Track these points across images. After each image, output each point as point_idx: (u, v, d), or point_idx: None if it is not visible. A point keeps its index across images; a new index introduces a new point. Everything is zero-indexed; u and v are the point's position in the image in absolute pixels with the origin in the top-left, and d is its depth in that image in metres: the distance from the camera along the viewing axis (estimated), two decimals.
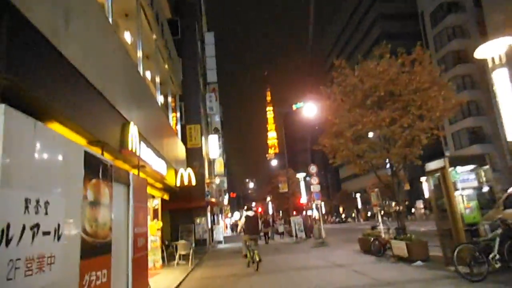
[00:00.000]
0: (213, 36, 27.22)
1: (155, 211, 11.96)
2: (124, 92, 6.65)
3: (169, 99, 13.48)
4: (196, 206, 20.83)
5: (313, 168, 22.11)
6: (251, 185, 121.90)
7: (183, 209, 20.61)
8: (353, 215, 64.59)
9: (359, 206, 60.98)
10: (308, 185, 27.70)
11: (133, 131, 6.34)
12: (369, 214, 59.92)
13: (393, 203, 16.37)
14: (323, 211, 49.77)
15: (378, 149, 10.30)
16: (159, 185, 11.00)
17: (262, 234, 20.09)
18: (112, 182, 5.04)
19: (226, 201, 53.00)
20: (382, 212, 13.30)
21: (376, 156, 10.23)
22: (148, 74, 12.02)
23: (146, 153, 7.49)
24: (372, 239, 11.13)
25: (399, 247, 9.66)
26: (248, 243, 10.30)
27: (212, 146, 24.79)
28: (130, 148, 6.07)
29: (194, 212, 21.08)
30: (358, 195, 59.76)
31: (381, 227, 12.15)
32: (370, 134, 11.04)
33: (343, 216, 66.26)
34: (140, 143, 7.06)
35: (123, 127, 6.13)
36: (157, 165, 8.60)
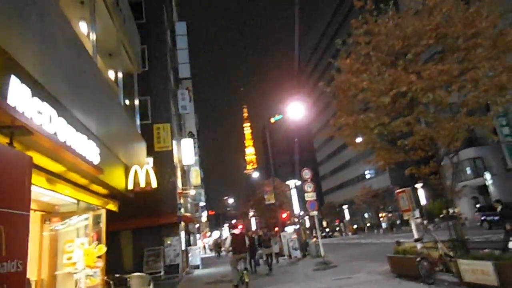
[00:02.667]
0: (185, 26, 23.74)
1: (98, 231, 8.06)
2: None
3: (119, 75, 9.68)
4: (166, 223, 16.76)
5: (306, 173, 18.61)
6: (230, 201, 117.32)
7: (149, 228, 16.50)
8: (338, 228, 61.25)
9: (347, 218, 57.75)
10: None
11: None
12: (355, 226, 56.59)
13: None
14: (307, 225, 46.05)
15: (433, 121, 6.90)
16: (98, 188, 7.12)
17: (259, 257, 15.68)
18: None
19: (204, 219, 48.50)
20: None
21: (430, 132, 6.77)
22: (83, 28, 8.24)
23: (38, 110, 3.72)
24: (419, 258, 7.57)
25: (477, 270, 6.16)
26: (237, 263, 9.54)
27: (186, 151, 20.87)
28: None
29: (164, 230, 16.96)
30: (345, 207, 56.60)
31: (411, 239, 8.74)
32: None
33: (327, 230, 62.65)
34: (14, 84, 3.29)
35: None
36: (78, 143, 4.81)
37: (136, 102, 11.59)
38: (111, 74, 10.18)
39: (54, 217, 7.80)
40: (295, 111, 22.52)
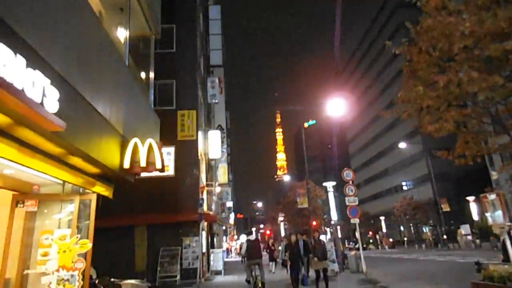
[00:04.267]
0: (220, 10, 22.00)
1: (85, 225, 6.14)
2: None
3: (127, 33, 7.79)
4: (186, 221, 14.84)
5: (348, 174, 16.04)
6: (259, 205, 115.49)
7: (166, 225, 14.66)
8: (371, 240, 57.21)
9: (383, 230, 53.76)
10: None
11: None
12: (390, 240, 52.38)
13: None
14: (340, 236, 42.69)
15: None
16: (77, 161, 5.16)
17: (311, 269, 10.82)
18: None
19: (232, 220, 46.51)
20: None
21: None
22: None
23: None
24: None
25: None
26: (251, 267, 9.45)
27: (213, 144, 19.01)
28: None
29: (183, 229, 15.05)
30: (382, 218, 52.69)
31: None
32: None
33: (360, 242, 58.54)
34: None
35: None
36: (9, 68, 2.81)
37: (152, 74, 9.72)
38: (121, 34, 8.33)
39: (30, 199, 5.99)
40: (331, 113, 20.03)
